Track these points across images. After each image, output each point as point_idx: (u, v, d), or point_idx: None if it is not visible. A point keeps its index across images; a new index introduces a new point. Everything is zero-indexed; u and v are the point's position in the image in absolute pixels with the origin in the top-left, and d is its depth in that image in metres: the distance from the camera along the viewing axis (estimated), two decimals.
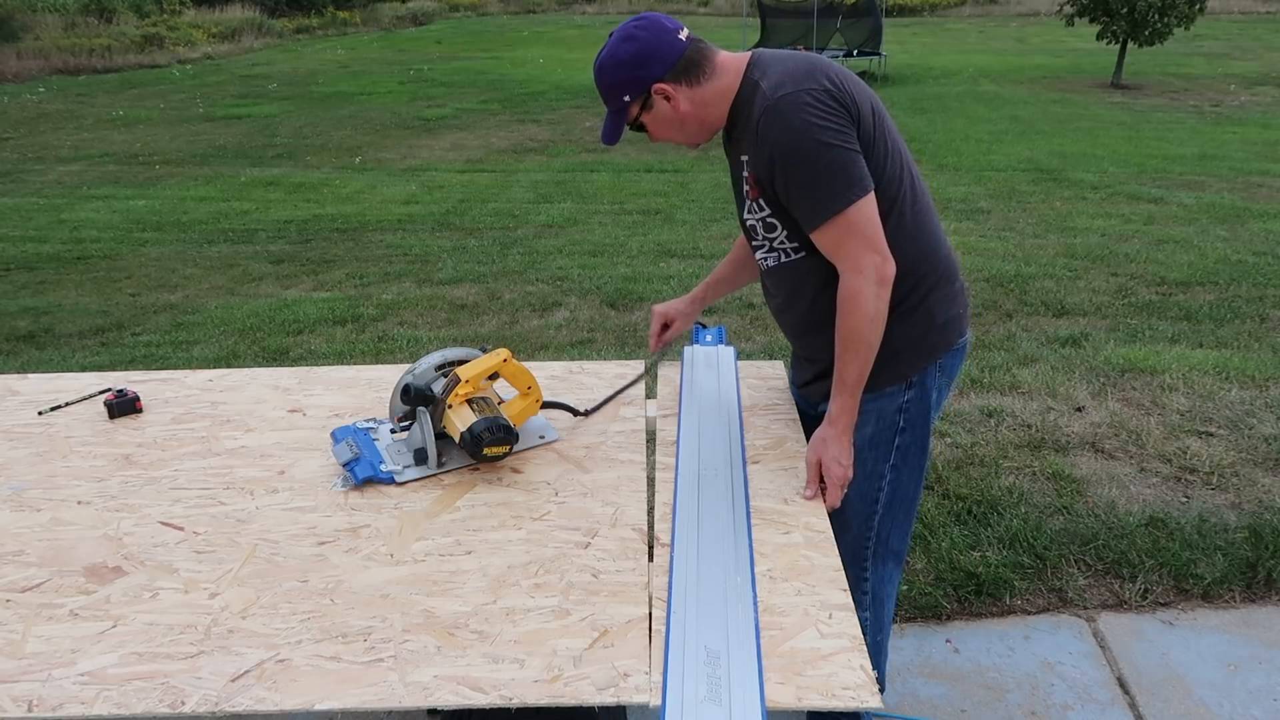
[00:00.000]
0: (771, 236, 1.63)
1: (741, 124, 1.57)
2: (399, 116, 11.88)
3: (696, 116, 1.59)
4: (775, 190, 1.54)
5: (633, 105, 1.57)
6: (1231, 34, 20.15)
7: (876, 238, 1.49)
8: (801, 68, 1.51)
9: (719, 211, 7.04)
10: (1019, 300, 4.78)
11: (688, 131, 1.62)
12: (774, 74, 1.51)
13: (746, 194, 1.61)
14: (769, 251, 1.66)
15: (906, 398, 1.65)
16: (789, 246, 1.62)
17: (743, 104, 1.55)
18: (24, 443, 1.78)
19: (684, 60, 1.54)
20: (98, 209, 7.67)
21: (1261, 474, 2.95)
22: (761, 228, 1.63)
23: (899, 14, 25.32)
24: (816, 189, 1.48)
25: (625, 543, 1.41)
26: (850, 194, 1.47)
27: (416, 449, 1.61)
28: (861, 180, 1.48)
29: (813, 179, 1.48)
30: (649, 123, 1.60)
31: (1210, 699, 2.09)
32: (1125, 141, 9.56)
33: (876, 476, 1.68)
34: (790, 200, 1.53)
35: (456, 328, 4.58)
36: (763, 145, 1.50)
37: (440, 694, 1.12)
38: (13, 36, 18.07)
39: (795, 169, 1.48)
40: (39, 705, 1.12)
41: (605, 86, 1.58)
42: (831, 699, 1.10)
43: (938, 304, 1.64)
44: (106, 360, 4.25)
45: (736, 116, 1.58)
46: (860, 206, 1.47)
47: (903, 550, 1.80)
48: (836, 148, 1.46)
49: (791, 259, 1.63)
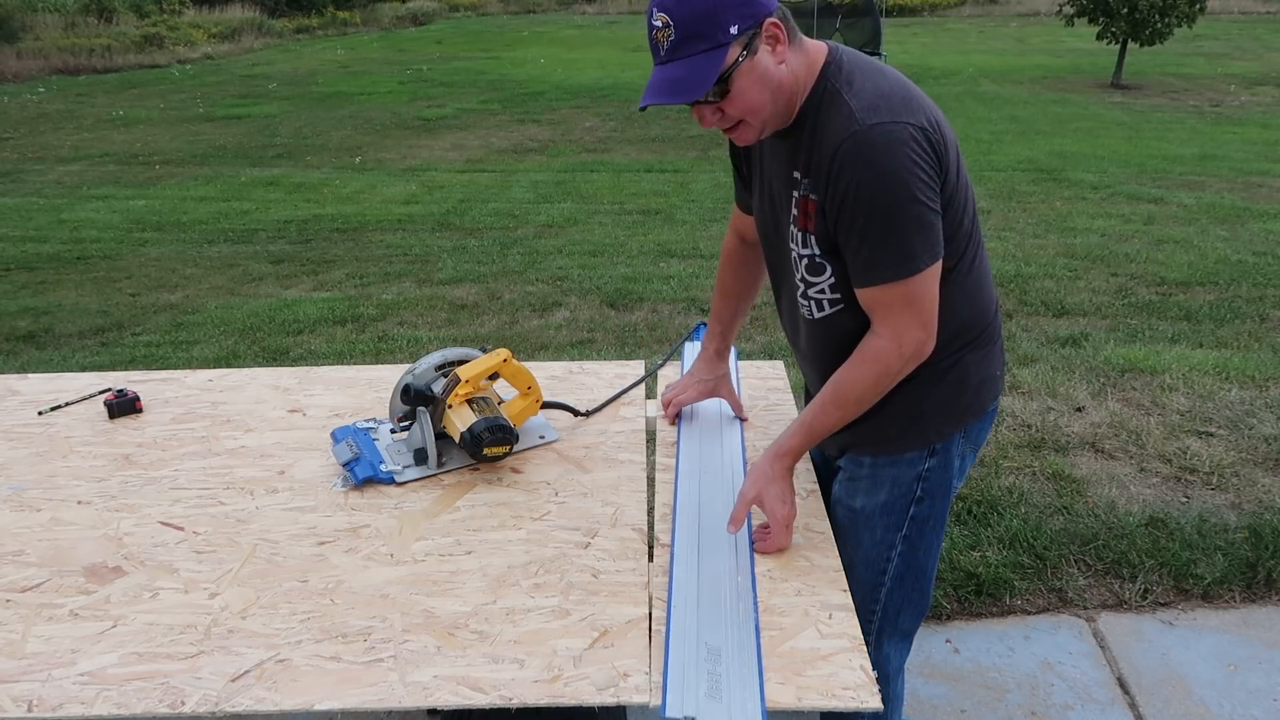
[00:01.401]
0: (816, 280, 1.36)
1: (809, 133, 1.28)
2: (399, 116, 11.88)
3: (788, 87, 1.26)
4: (830, 227, 1.29)
5: (735, 45, 1.19)
6: (1231, 34, 20.15)
7: (930, 313, 1.30)
8: (898, 92, 1.25)
9: (719, 212, 7.04)
10: (1019, 300, 4.78)
11: (774, 104, 1.26)
12: (865, 90, 1.25)
13: (797, 222, 1.34)
14: (804, 297, 1.41)
15: (928, 465, 1.46)
16: (830, 298, 1.37)
17: (815, 107, 1.28)
18: (24, 443, 1.78)
19: (781, 9, 1.23)
20: (98, 209, 7.67)
21: (1261, 474, 2.95)
22: (808, 270, 1.36)
23: (899, 14, 25.32)
24: (886, 246, 1.25)
25: (625, 543, 1.41)
26: (920, 261, 1.25)
27: (416, 449, 1.61)
28: (934, 246, 1.26)
29: (886, 234, 1.24)
30: (741, 77, 1.21)
31: (1210, 699, 2.09)
32: (1125, 141, 9.57)
33: (886, 546, 1.50)
34: (848, 246, 1.29)
35: (456, 328, 4.58)
36: (840, 176, 1.23)
37: (440, 694, 1.12)
38: (13, 36, 18.07)
39: (870, 216, 1.24)
40: (39, 705, 1.12)
41: (701, 14, 1.17)
42: (831, 699, 1.10)
43: (974, 364, 1.44)
44: (106, 360, 4.25)
45: (808, 116, 1.29)
46: (926, 276, 1.27)
47: (913, 630, 1.62)
48: (922, 204, 1.23)
49: (828, 313, 1.39)
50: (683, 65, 1.20)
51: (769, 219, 1.45)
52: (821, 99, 1.27)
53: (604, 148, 9.70)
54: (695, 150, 9.70)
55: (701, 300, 4.87)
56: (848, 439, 1.48)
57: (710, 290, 5.13)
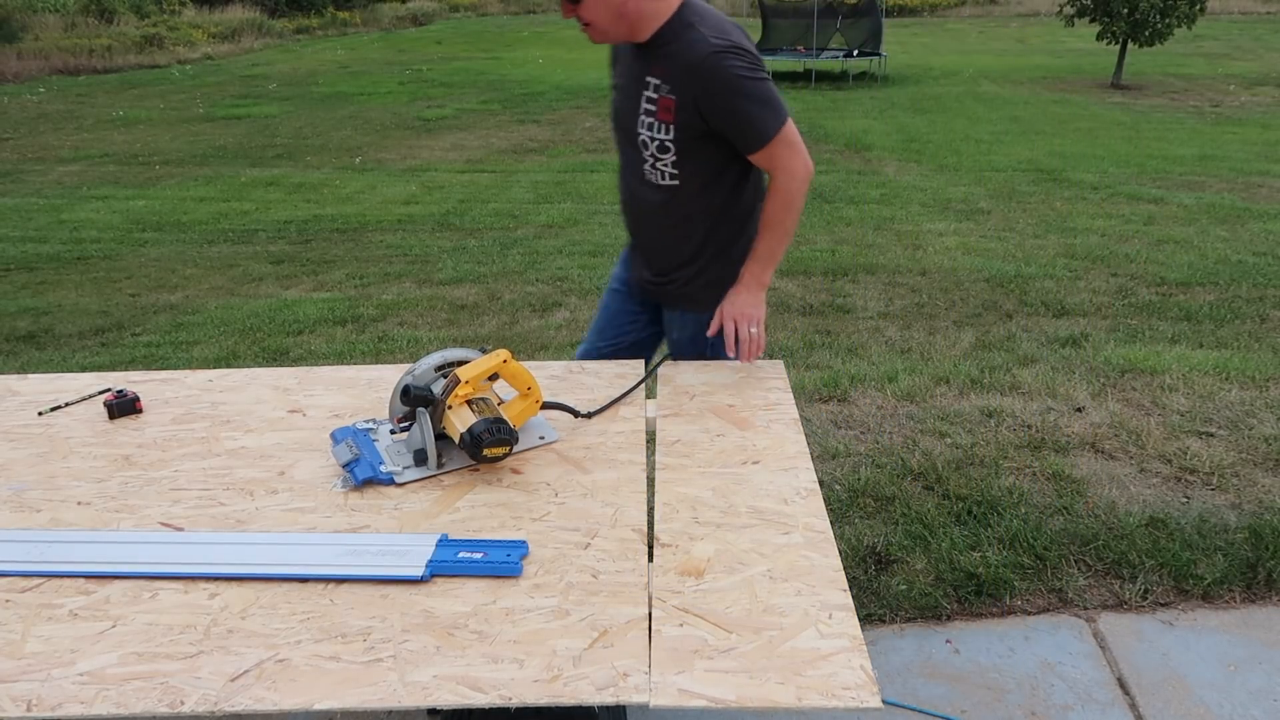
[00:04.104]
0: (662, 157, 1.88)
1: (667, 52, 1.80)
2: (399, 117, 11.89)
3: (632, 18, 1.79)
4: (703, 117, 1.79)
5: None
6: (1231, 34, 20.16)
7: (804, 147, 1.86)
8: (730, 27, 1.82)
9: None
10: (1019, 300, 4.78)
11: (617, 25, 1.79)
12: (711, 24, 1.79)
13: (655, 114, 1.84)
14: (651, 168, 1.91)
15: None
16: (669, 172, 1.90)
17: (673, 35, 1.79)
18: (24, 443, 1.78)
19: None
20: (98, 209, 7.67)
21: (1261, 474, 2.95)
22: (656, 149, 1.87)
23: (899, 14, 25.32)
24: (762, 114, 1.80)
25: (625, 543, 1.41)
26: (784, 113, 1.82)
27: (416, 450, 1.61)
28: (786, 105, 1.83)
29: (758, 105, 1.79)
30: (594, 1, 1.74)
31: (1210, 699, 2.09)
32: (1125, 142, 9.57)
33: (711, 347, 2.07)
34: (735, 127, 1.81)
35: (456, 328, 4.58)
36: (711, 79, 1.76)
37: (440, 694, 1.12)
38: (13, 36, 18.07)
39: (742, 101, 1.78)
40: (38, 705, 1.12)
41: None
42: (831, 699, 1.10)
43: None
44: (106, 360, 4.25)
45: (661, 42, 1.81)
46: (791, 123, 1.84)
47: None
48: (769, 83, 1.81)
49: (665, 183, 1.91)
50: None
51: (622, 106, 1.94)
52: (678, 28, 1.79)
53: (604, 148, 9.70)
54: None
55: None
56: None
57: None
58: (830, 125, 10.88)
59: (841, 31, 14.96)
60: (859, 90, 13.67)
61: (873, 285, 5.15)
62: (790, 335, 4.37)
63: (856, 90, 13.68)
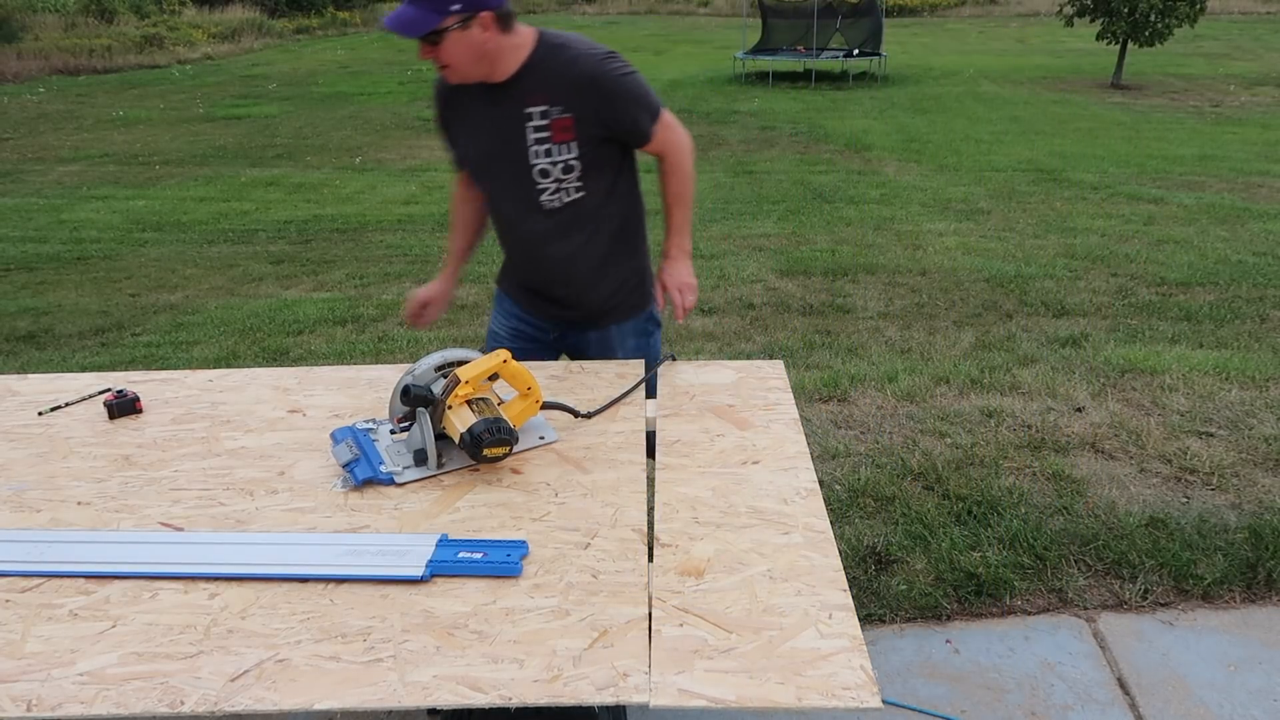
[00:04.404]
0: (565, 178, 1.92)
1: (543, 78, 1.85)
2: (399, 116, 11.89)
3: (493, 56, 1.82)
4: (605, 125, 1.88)
5: (452, 18, 1.73)
6: (1231, 34, 20.16)
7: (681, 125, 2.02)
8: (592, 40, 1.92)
9: (719, 212, 7.05)
10: (1019, 300, 4.78)
11: (478, 66, 1.82)
12: (577, 40, 1.89)
13: (551, 139, 1.88)
14: (555, 193, 1.94)
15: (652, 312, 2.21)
16: (574, 187, 1.94)
17: (545, 61, 1.85)
18: (24, 443, 1.78)
19: (505, 8, 1.81)
20: (98, 209, 7.68)
21: (1261, 474, 2.95)
22: (561, 170, 1.91)
23: (899, 14, 25.31)
24: (646, 105, 1.92)
25: (625, 543, 1.41)
26: (658, 100, 1.95)
27: (416, 450, 1.61)
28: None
29: (642, 99, 1.91)
30: (452, 41, 1.75)
31: (1210, 699, 2.09)
32: (1125, 142, 9.57)
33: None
34: (627, 122, 1.91)
35: (456, 328, 4.58)
36: (603, 89, 1.85)
37: (440, 694, 1.12)
38: (13, 36, 18.08)
39: (634, 100, 1.90)
40: (38, 705, 1.12)
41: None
42: (831, 699, 1.10)
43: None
44: (106, 360, 4.25)
45: (531, 72, 1.85)
46: (666, 108, 1.97)
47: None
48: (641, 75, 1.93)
49: (569, 199, 1.95)
50: (417, 12, 1.73)
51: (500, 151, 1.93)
52: (548, 52, 1.85)
53: None
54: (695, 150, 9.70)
55: (701, 300, 4.87)
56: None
57: (708, 290, 5.12)
58: (830, 125, 10.88)
59: (841, 31, 14.97)
60: (859, 90, 13.67)
61: (873, 285, 5.15)
62: (790, 335, 4.37)
63: (856, 90, 13.69)
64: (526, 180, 1.93)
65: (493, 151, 1.95)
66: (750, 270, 5.47)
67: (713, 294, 5.02)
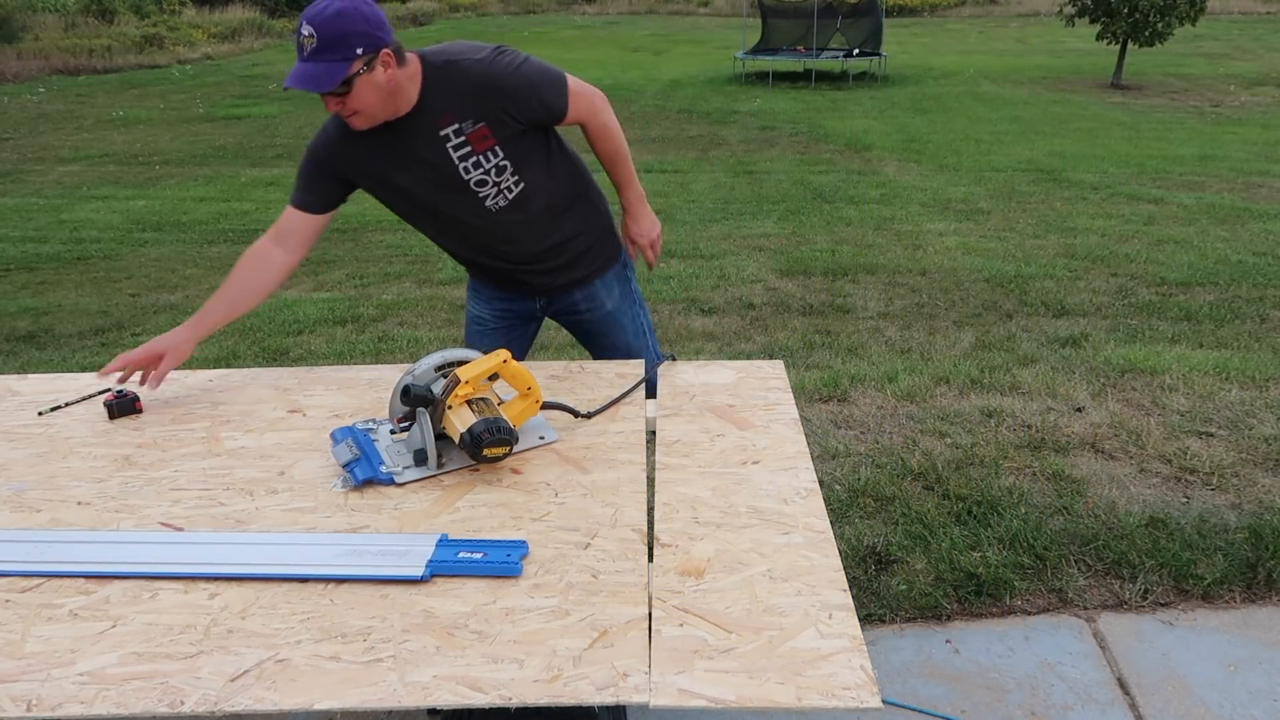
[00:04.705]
0: (501, 179, 1.95)
1: (442, 97, 1.85)
2: None
3: (396, 95, 1.81)
4: (518, 120, 1.89)
5: (358, 61, 1.72)
6: (1231, 34, 20.16)
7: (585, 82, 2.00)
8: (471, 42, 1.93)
9: (719, 212, 7.04)
10: (1019, 300, 4.78)
11: (385, 105, 1.81)
12: (458, 48, 1.90)
13: (474, 150, 1.90)
14: (497, 195, 1.97)
15: (624, 262, 2.27)
16: (512, 182, 1.97)
17: (439, 83, 1.85)
18: (24, 443, 1.78)
19: (397, 42, 1.81)
20: (98, 209, 7.68)
21: (1261, 474, 2.95)
22: (494, 173, 1.94)
23: (899, 14, 25.32)
24: (553, 88, 1.92)
25: (625, 543, 1.41)
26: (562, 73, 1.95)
27: (416, 450, 1.61)
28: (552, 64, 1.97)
29: (548, 82, 1.92)
30: (361, 86, 1.74)
31: (1210, 699, 2.09)
32: (1125, 142, 9.57)
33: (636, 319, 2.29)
34: (541, 109, 1.92)
35: (456, 328, 4.58)
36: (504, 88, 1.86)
37: (440, 694, 1.12)
38: (13, 36, 18.07)
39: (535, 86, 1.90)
40: (38, 705, 1.12)
41: (339, 34, 1.69)
42: (831, 699, 1.10)
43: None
44: (106, 360, 4.23)
45: (430, 95, 1.85)
46: (569, 76, 1.96)
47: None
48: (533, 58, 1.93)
49: (516, 191, 1.98)
50: (321, 66, 1.71)
51: (427, 177, 1.94)
52: (438, 72, 1.85)
53: None
54: (695, 151, 9.71)
55: (701, 300, 4.88)
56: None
57: (708, 290, 5.11)
58: (830, 125, 10.88)
59: (841, 31, 14.97)
60: (859, 90, 13.67)
61: (873, 285, 5.15)
62: (790, 335, 4.37)
63: (856, 90, 13.69)
64: (468, 194, 1.96)
65: (427, 178, 1.95)
66: (750, 270, 5.47)
67: (713, 294, 5.02)
